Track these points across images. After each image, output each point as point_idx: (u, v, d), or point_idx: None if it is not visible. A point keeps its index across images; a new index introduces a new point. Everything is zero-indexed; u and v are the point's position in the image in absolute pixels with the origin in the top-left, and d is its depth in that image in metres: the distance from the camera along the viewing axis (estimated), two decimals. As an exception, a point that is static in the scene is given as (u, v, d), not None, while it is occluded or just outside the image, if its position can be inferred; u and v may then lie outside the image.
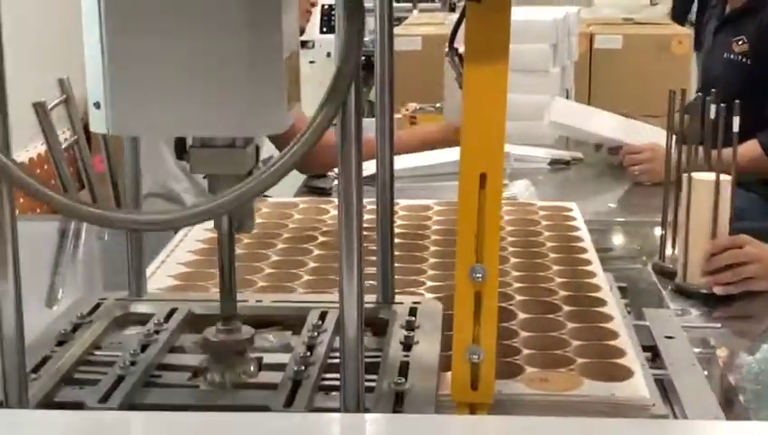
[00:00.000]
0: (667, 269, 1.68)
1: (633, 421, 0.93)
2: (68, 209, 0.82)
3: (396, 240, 1.14)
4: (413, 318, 1.07)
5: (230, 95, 0.86)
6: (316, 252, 1.44)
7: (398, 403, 0.93)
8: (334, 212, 1.60)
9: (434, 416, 0.91)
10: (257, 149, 0.96)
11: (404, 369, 0.98)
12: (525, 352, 1.10)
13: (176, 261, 1.39)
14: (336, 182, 1.30)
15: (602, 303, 1.24)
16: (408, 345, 1.02)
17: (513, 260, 1.40)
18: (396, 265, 1.14)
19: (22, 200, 2.72)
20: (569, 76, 2.93)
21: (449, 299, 0.92)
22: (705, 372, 1.26)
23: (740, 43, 2.70)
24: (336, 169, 0.87)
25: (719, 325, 1.45)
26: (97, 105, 0.87)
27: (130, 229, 1.06)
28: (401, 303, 1.11)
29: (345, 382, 0.88)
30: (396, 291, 1.13)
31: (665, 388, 1.13)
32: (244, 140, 0.92)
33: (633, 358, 1.09)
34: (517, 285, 1.30)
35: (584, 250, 1.46)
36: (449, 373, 0.94)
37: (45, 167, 2.83)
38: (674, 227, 1.71)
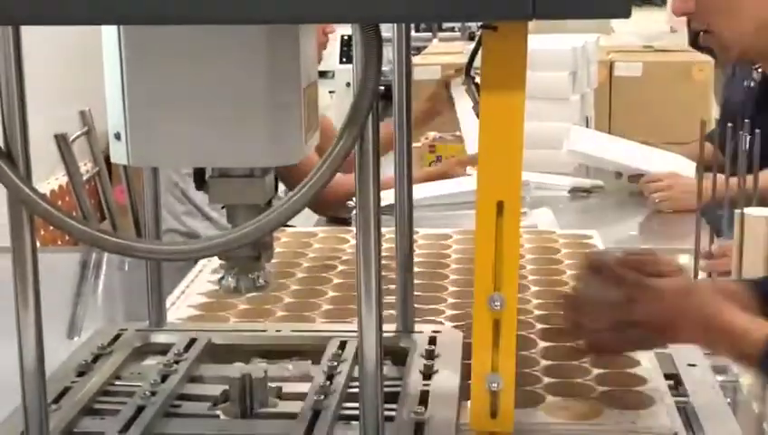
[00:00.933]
0: None
1: None
2: (93, 240, 0.82)
3: (415, 269, 1.14)
4: (433, 347, 1.07)
5: (249, 126, 0.86)
6: (336, 281, 1.44)
7: (417, 433, 0.92)
8: (354, 241, 1.60)
9: None
10: (276, 179, 0.96)
11: (424, 398, 0.98)
12: (546, 380, 1.09)
13: (195, 291, 1.40)
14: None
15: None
16: (427, 375, 1.02)
17: (533, 288, 1.40)
18: (415, 293, 1.14)
19: (43, 232, 2.74)
20: (588, 104, 2.93)
21: (470, 327, 0.92)
22: (729, 400, 1.25)
23: (760, 70, 2.69)
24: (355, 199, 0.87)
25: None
26: (117, 136, 0.88)
27: (152, 259, 1.06)
28: (421, 332, 1.11)
29: (364, 412, 0.88)
30: (415, 320, 1.13)
31: (688, 416, 1.12)
32: (262, 171, 0.92)
33: (654, 386, 1.08)
34: (537, 313, 1.30)
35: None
36: (469, 402, 0.93)
37: (67, 198, 2.85)
38: (699, 257, 1.68)
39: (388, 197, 1.10)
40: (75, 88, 2.95)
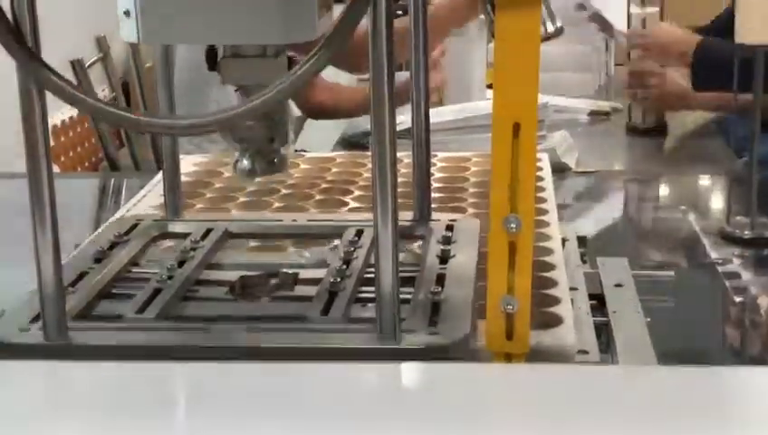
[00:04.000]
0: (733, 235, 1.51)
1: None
2: (106, 115, 0.82)
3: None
4: (449, 233, 1.06)
5: (260, 2, 0.85)
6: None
7: (434, 312, 0.92)
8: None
9: (470, 365, 0.89)
10: (289, 60, 0.95)
11: (441, 280, 0.97)
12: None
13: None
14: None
15: (549, 252, 1.15)
16: (444, 259, 1.02)
17: (470, 211, 1.34)
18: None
19: (63, 159, 2.75)
20: (608, 26, 2.90)
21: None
22: (747, 321, 1.24)
23: None
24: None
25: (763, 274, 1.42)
26: (127, 13, 0.87)
27: (168, 133, 1.05)
28: (438, 220, 1.10)
29: (380, 291, 0.87)
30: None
31: (607, 337, 1.08)
32: (274, 50, 0.92)
33: (566, 306, 1.01)
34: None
35: (543, 200, 1.37)
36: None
37: (86, 125, 2.86)
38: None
39: (405, 121, 1.09)
40: (90, 13, 2.94)
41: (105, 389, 0.78)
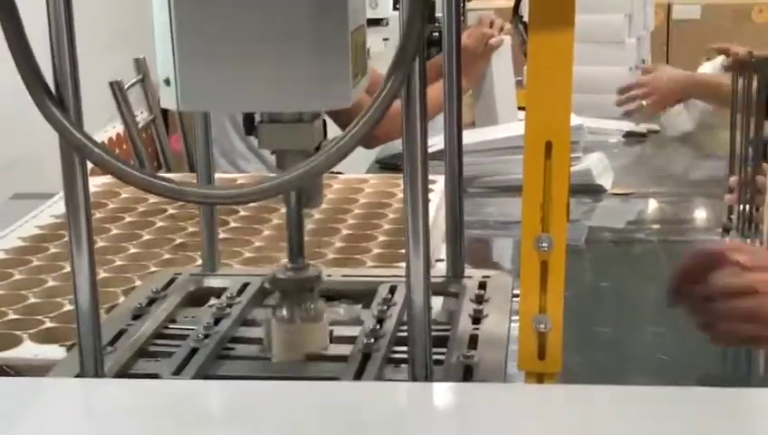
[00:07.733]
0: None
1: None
2: (144, 184, 0.83)
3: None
4: (482, 292, 1.07)
5: (296, 70, 0.86)
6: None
7: (467, 376, 0.93)
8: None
9: (502, 385, 0.90)
10: (324, 124, 0.97)
11: (473, 342, 0.98)
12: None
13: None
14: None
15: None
16: (477, 319, 1.02)
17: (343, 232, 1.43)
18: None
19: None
20: (645, 47, 2.89)
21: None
22: None
23: None
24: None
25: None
26: (167, 82, 0.88)
27: (203, 204, 1.07)
28: (471, 277, 1.11)
29: (413, 354, 0.88)
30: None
31: None
32: (311, 115, 0.93)
33: None
34: (333, 256, 1.36)
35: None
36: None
37: (124, 146, 2.88)
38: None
39: (437, 142, 1.09)
40: (130, 35, 2.96)
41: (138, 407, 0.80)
